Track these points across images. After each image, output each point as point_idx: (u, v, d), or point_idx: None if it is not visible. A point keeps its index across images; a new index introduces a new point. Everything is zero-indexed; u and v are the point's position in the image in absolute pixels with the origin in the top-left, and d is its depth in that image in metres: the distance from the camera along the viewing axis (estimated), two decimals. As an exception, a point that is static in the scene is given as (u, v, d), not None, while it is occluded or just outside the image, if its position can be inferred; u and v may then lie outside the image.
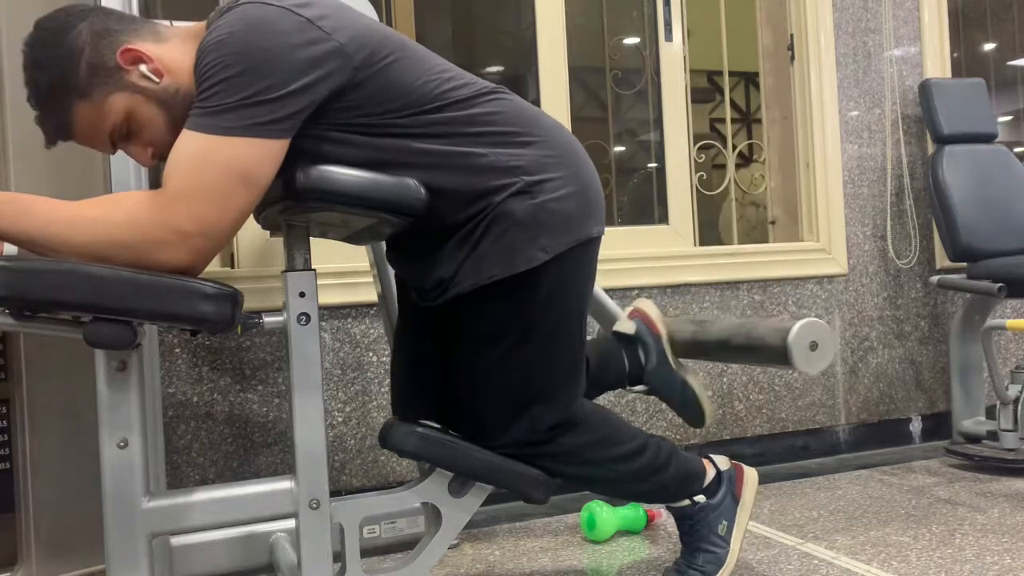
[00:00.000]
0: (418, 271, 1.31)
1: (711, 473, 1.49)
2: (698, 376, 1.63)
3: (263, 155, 1.08)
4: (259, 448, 1.99)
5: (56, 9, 1.17)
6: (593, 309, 1.77)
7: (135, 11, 1.59)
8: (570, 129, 2.41)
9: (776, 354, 1.40)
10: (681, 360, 1.63)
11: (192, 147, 1.07)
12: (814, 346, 1.38)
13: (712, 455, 1.54)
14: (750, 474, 1.54)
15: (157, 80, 1.15)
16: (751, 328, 1.48)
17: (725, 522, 1.48)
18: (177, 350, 1.93)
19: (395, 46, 1.20)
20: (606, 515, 1.88)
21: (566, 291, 1.28)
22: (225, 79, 1.06)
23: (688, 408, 1.62)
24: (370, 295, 2.07)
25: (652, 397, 2.39)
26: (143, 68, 1.14)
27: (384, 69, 1.17)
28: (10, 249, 1.13)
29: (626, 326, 1.62)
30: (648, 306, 1.65)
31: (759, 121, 2.91)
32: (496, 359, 1.28)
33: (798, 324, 1.38)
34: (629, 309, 1.66)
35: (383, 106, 1.17)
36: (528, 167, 1.23)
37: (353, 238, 1.40)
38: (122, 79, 1.15)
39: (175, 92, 1.16)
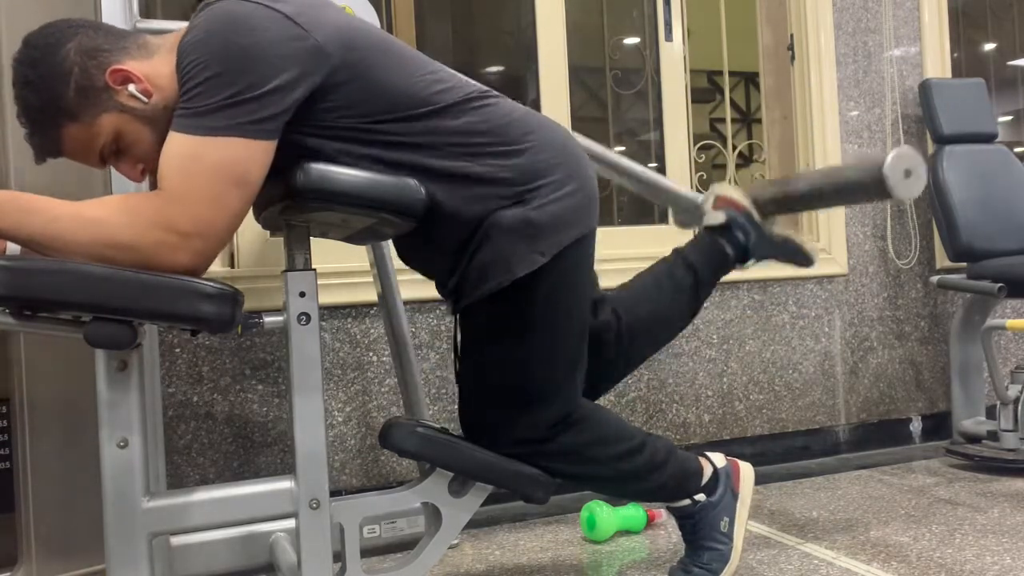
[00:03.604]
0: (432, 277, 1.37)
1: (708, 471, 1.50)
2: (784, 228, 1.73)
3: (251, 155, 1.08)
4: (259, 448, 1.99)
5: (44, 25, 1.16)
6: (678, 205, 1.83)
7: (135, 11, 1.59)
8: (570, 129, 2.41)
9: (874, 189, 1.49)
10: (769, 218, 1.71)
11: (182, 149, 1.07)
12: (908, 173, 1.46)
13: (708, 453, 1.54)
14: (746, 469, 1.55)
15: (146, 100, 1.15)
16: (839, 174, 1.56)
17: (727, 518, 1.48)
18: (177, 350, 1.93)
19: (378, 46, 1.20)
20: (606, 515, 1.88)
21: (564, 289, 1.28)
22: (207, 79, 1.06)
23: (796, 256, 1.70)
24: (370, 295, 2.07)
25: (651, 397, 2.39)
26: (132, 88, 1.14)
27: (366, 69, 1.16)
28: (13, 248, 1.14)
29: (716, 218, 1.66)
30: (726, 190, 1.69)
31: (759, 121, 2.91)
32: (496, 358, 1.29)
33: (890, 156, 1.46)
34: (710, 200, 1.69)
35: (366, 107, 1.17)
36: (517, 178, 1.24)
37: (354, 238, 1.40)
38: (111, 99, 1.14)
39: (163, 108, 1.15)
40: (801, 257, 1.70)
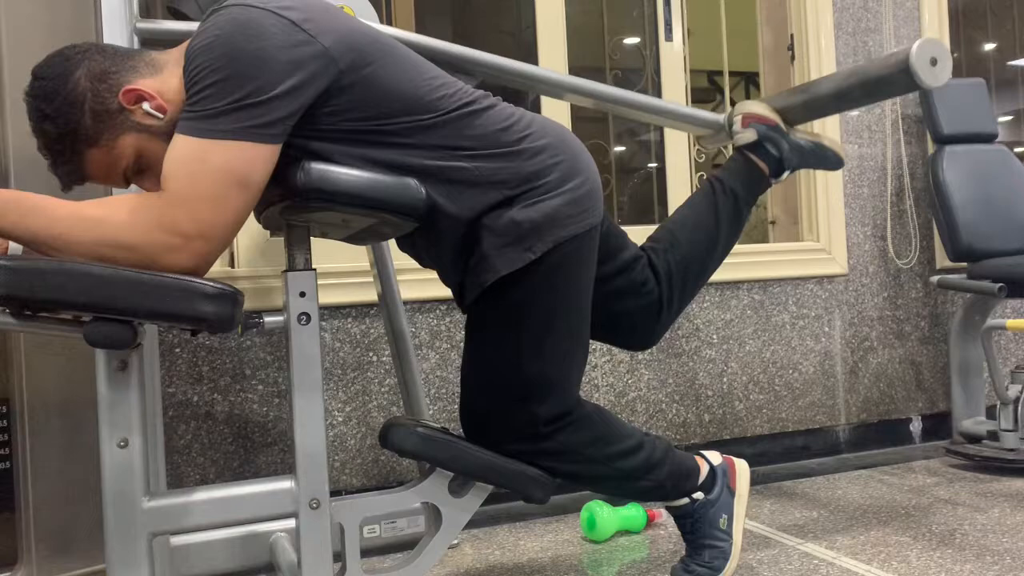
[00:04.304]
0: (445, 275, 1.38)
1: (705, 469, 1.50)
2: (812, 132, 1.74)
3: (256, 159, 1.09)
4: (259, 448, 1.99)
5: (50, 55, 1.16)
6: (700, 129, 1.84)
7: (135, 11, 1.59)
8: (570, 128, 2.41)
9: (901, 80, 1.49)
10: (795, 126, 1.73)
11: (186, 151, 1.07)
12: (935, 61, 1.47)
13: (703, 451, 1.55)
14: (741, 465, 1.56)
15: (161, 116, 1.16)
16: (864, 72, 1.57)
17: (725, 516, 1.49)
18: (177, 350, 1.93)
19: (383, 50, 1.21)
20: (606, 515, 1.88)
21: (558, 286, 1.29)
22: (214, 83, 1.07)
23: (827, 160, 1.71)
24: (370, 295, 2.07)
25: (652, 397, 2.39)
26: (146, 106, 1.15)
27: (371, 74, 1.17)
28: (15, 248, 1.14)
29: (747, 137, 1.67)
30: (752, 106, 1.70)
31: (759, 121, 2.91)
32: (492, 356, 1.30)
33: (916, 46, 1.46)
34: (738, 118, 1.70)
35: (370, 111, 1.18)
36: (511, 180, 1.25)
37: (354, 238, 1.40)
38: (127, 120, 1.15)
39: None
40: (832, 160, 1.71)
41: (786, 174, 1.68)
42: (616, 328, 1.52)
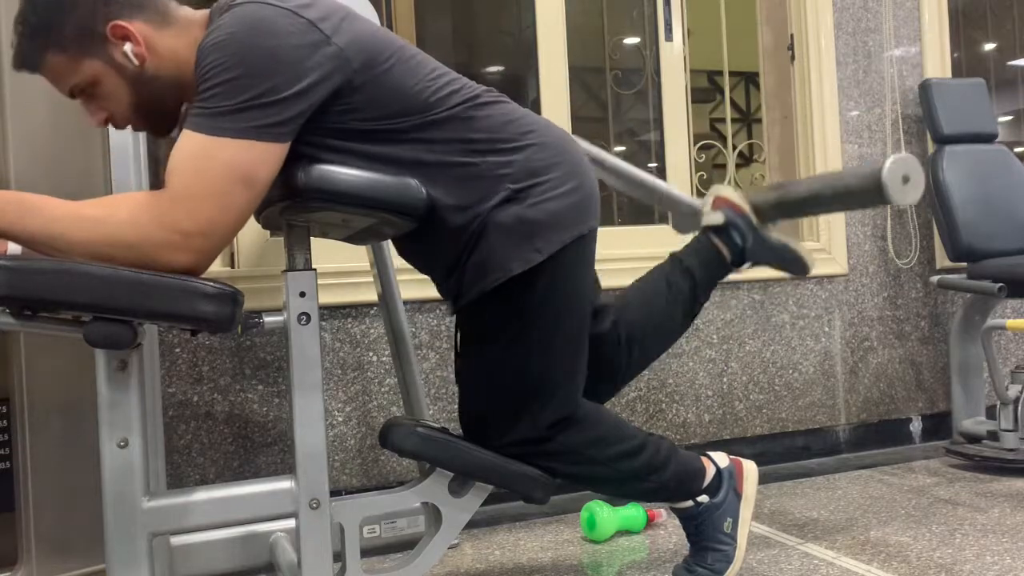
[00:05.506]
0: (432, 276, 1.37)
1: (711, 471, 1.49)
2: (784, 235, 1.72)
3: (263, 157, 1.09)
4: (259, 448, 1.99)
5: None
6: (677, 209, 1.84)
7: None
8: (570, 129, 2.41)
9: (872, 194, 1.49)
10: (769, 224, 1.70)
11: (193, 148, 1.07)
12: (906, 179, 1.46)
13: (710, 453, 1.54)
14: (749, 467, 1.55)
15: (136, 63, 1.16)
16: (838, 179, 1.57)
17: (730, 519, 1.48)
18: (177, 350, 1.93)
19: (393, 50, 1.21)
20: (606, 515, 1.88)
21: (563, 288, 1.28)
22: (225, 81, 1.07)
23: (792, 265, 1.69)
24: (370, 295, 2.07)
25: (651, 397, 2.39)
26: (127, 47, 1.15)
27: (382, 74, 1.18)
28: (14, 248, 1.14)
29: (714, 218, 1.65)
30: (726, 191, 1.68)
31: (759, 121, 2.91)
32: (496, 358, 1.29)
33: (888, 162, 1.46)
34: (709, 200, 1.69)
35: (380, 111, 1.18)
36: (516, 174, 1.25)
37: (354, 238, 1.40)
38: (103, 50, 1.15)
39: (152, 77, 1.16)
40: (798, 265, 1.69)
41: (747, 265, 1.65)
42: None
